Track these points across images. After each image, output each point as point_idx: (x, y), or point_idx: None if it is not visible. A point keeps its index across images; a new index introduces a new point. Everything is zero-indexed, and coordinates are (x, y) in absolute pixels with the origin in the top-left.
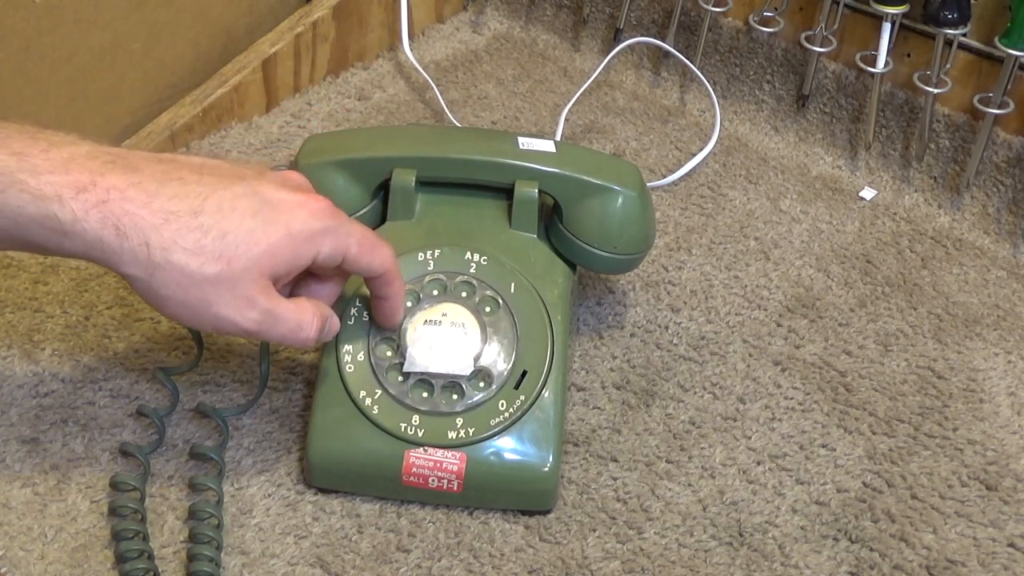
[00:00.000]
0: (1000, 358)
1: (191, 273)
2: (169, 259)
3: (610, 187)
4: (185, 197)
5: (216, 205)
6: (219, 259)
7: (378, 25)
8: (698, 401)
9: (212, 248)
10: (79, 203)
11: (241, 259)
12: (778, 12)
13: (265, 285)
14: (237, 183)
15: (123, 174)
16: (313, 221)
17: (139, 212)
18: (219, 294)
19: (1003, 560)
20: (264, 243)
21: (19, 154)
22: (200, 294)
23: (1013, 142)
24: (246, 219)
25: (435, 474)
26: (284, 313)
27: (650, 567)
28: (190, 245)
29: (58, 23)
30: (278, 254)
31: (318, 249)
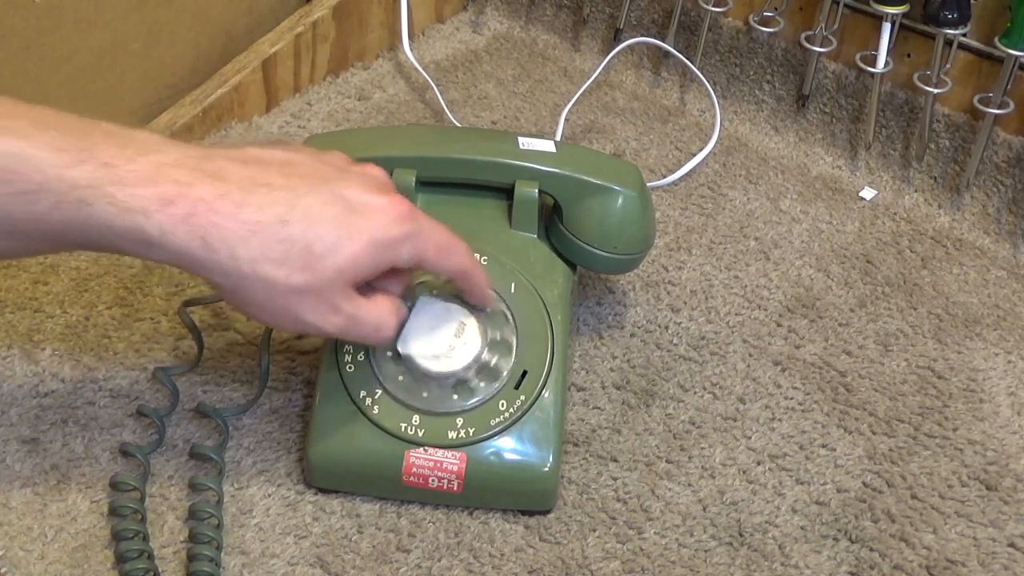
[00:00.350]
0: (1000, 358)
1: (278, 284)
2: (256, 270)
3: (610, 187)
4: (272, 205)
5: (303, 213)
6: (305, 270)
7: (378, 25)
8: (698, 401)
9: (298, 259)
10: (166, 216)
11: (327, 270)
12: (778, 12)
13: (348, 291)
14: (323, 186)
15: (210, 184)
16: (395, 227)
17: (226, 224)
18: (304, 302)
19: (1003, 560)
20: (349, 252)
21: (107, 165)
22: (285, 302)
23: (1013, 142)
24: (332, 229)
25: (435, 474)
26: (365, 315)
27: (650, 567)
28: (277, 256)
29: (58, 23)
30: (361, 263)
31: (398, 255)
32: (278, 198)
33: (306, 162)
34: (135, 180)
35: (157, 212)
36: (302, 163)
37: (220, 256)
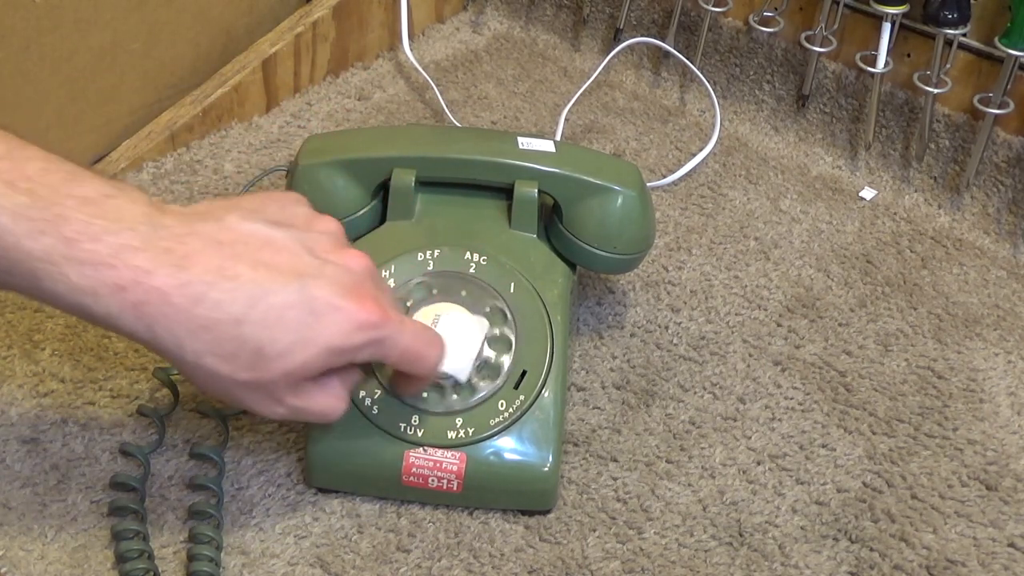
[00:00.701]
0: (1000, 358)
1: (223, 376)
2: (200, 362)
3: (610, 187)
4: (232, 303)
5: (262, 314)
6: (252, 369)
7: (378, 25)
8: (698, 401)
9: (247, 360)
10: (115, 300)
11: (274, 371)
12: (778, 12)
13: (295, 386)
14: (292, 284)
15: (172, 274)
16: (355, 335)
17: (178, 318)
18: (247, 394)
19: (1003, 560)
20: (300, 359)
21: (69, 240)
22: (229, 390)
23: (1013, 142)
24: (288, 334)
25: (435, 474)
26: (311, 407)
27: (650, 567)
28: (225, 353)
29: (58, 23)
30: (311, 366)
31: (354, 357)
32: (241, 295)
33: (287, 245)
34: (93, 260)
35: (107, 296)
36: (282, 247)
37: (166, 345)
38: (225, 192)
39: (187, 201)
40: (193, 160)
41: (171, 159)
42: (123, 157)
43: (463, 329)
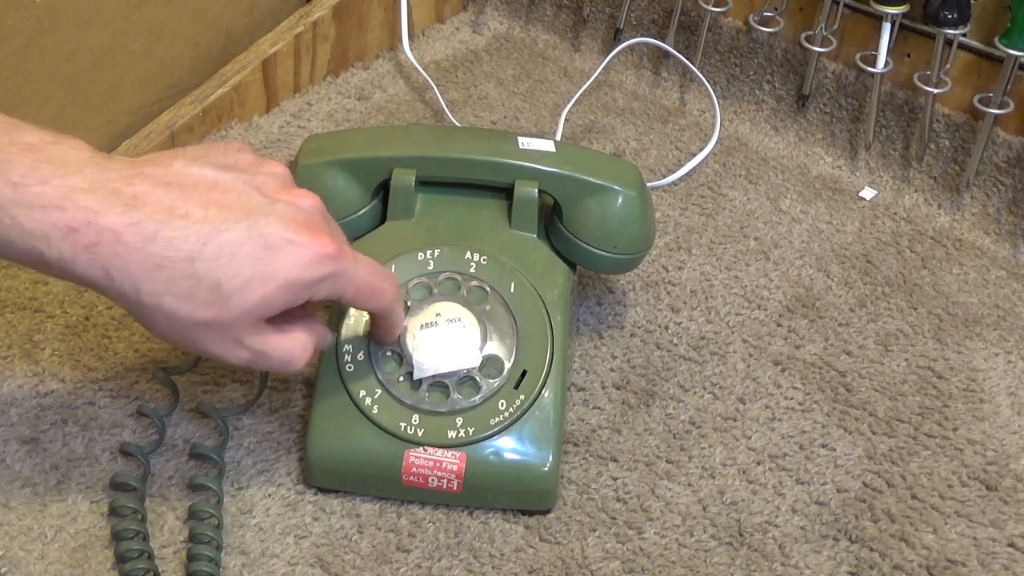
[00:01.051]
0: (1000, 358)
1: (180, 317)
2: (159, 303)
3: (610, 187)
4: (185, 241)
5: (215, 251)
6: (210, 307)
7: (378, 25)
8: (698, 401)
9: (205, 297)
10: (68, 244)
11: (233, 309)
12: (778, 12)
13: (256, 327)
14: (243, 221)
15: (123, 212)
16: (313, 268)
17: (131, 256)
18: (207, 335)
19: (1003, 560)
20: (259, 294)
21: (16, 185)
22: (188, 333)
23: (1013, 142)
24: (244, 268)
25: (435, 474)
26: (274, 351)
27: (650, 567)
28: (182, 292)
29: (58, 23)
30: (271, 302)
31: (313, 293)
32: (192, 232)
33: (235, 186)
34: (42, 203)
35: (59, 240)
36: (230, 188)
37: (123, 287)
38: None
39: None
40: None
41: None
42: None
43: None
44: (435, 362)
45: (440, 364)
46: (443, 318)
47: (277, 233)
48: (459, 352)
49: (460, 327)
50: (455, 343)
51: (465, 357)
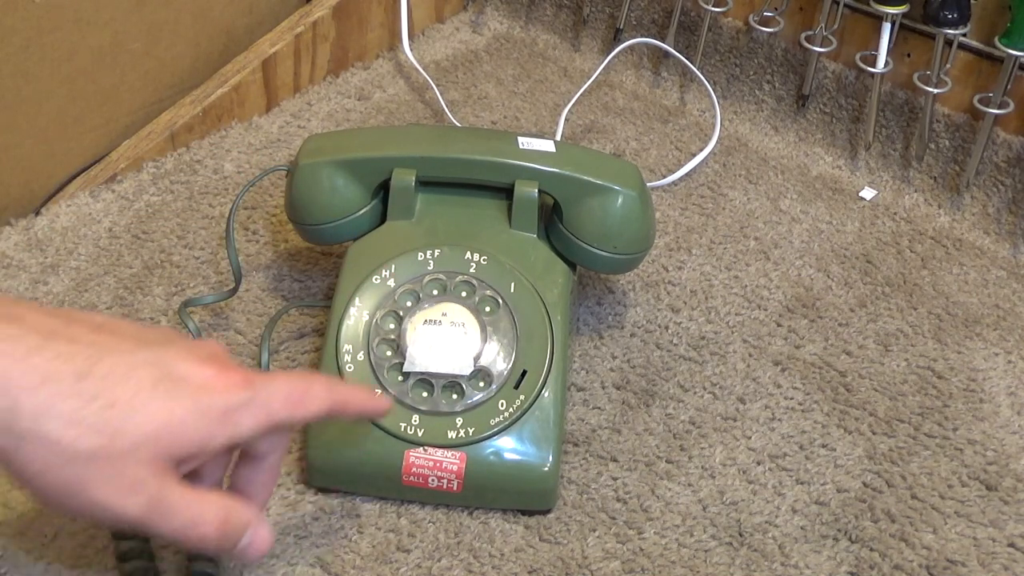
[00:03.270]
0: (1000, 358)
1: (65, 447)
2: (39, 428)
3: (610, 187)
4: (72, 358)
5: (108, 370)
6: (100, 433)
7: (378, 25)
8: (698, 401)
9: (93, 420)
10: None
11: (129, 435)
12: (778, 12)
13: (159, 468)
14: (140, 349)
15: (2, 327)
16: (225, 395)
17: (12, 369)
18: (96, 473)
19: (1003, 560)
20: (163, 417)
21: None
22: (74, 473)
23: (1013, 142)
24: (143, 390)
25: (435, 474)
26: (178, 502)
27: (650, 567)
28: (67, 414)
29: (58, 23)
30: (180, 432)
31: (235, 427)
32: (81, 352)
33: (125, 326)
34: None
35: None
36: (120, 326)
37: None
38: (225, 192)
39: (187, 201)
40: (193, 160)
41: (171, 159)
42: (123, 157)
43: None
44: (427, 360)
45: (431, 363)
46: (447, 319)
47: (181, 363)
48: (453, 356)
49: (461, 332)
50: (452, 346)
51: (457, 363)
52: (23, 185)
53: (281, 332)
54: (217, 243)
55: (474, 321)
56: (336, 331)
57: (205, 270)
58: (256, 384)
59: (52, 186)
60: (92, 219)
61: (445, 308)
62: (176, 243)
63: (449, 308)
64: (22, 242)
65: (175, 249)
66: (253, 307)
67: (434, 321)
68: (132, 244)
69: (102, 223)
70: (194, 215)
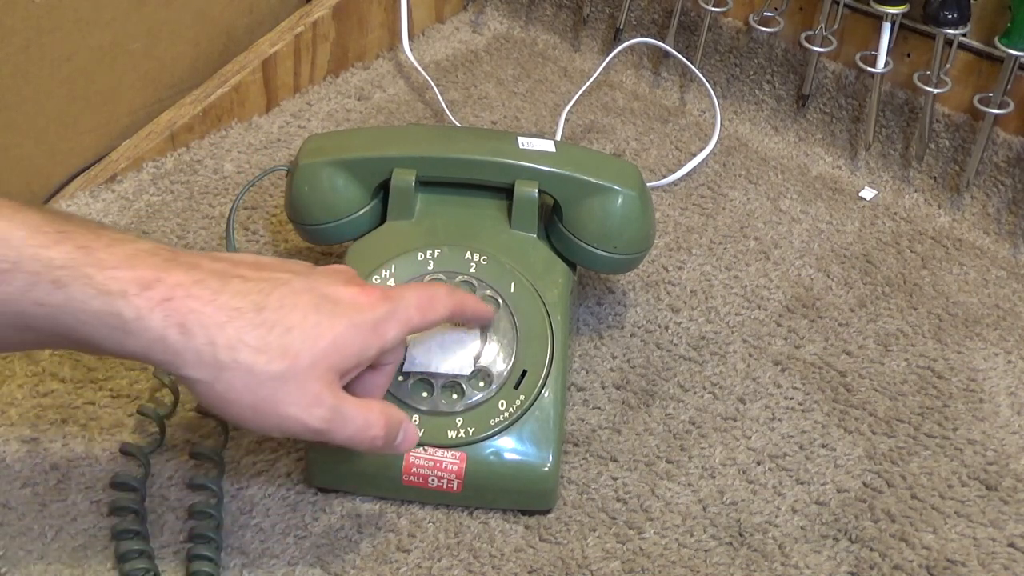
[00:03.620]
0: (1000, 358)
1: (258, 372)
2: (236, 358)
3: (610, 187)
4: (248, 294)
5: (279, 300)
6: (285, 355)
7: (378, 25)
8: (698, 401)
9: (277, 344)
10: (143, 300)
11: (307, 354)
12: (778, 12)
13: (332, 380)
14: (295, 279)
15: (186, 272)
16: (373, 310)
17: (204, 310)
18: (286, 392)
19: (1003, 560)
20: (329, 336)
21: (84, 247)
22: (266, 393)
23: (1013, 142)
24: (309, 314)
25: (435, 474)
26: (351, 411)
27: (650, 567)
28: (255, 342)
29: (58, 23)
30: (344, 346)
31: (383, 337)
32: (253, 287)
33: (273, 262)
34: (113, 263)
35: (135, 296)
36: (270, 263)
37: (198, 342)
38: (225, 192)
39: (187, 201)
40: (193, 160)
41: (171, 159)
42: (123, 157)
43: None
44: (428, 360)
45: (432, 363)
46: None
47: (328, 286)
48: (454, 357)
49: (463, 333)
50: (453, 347)
51: (458, 363)
52: (23, 185)
53: None
54: (217, 243)
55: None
56: None
57: None
58: (393, 297)
59: (52, 186)
60: (92, 219)
61: None
62: (176, 243)
63: None
64: None
65: None
66: None
67: None
68: None
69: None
70: (194, 215)
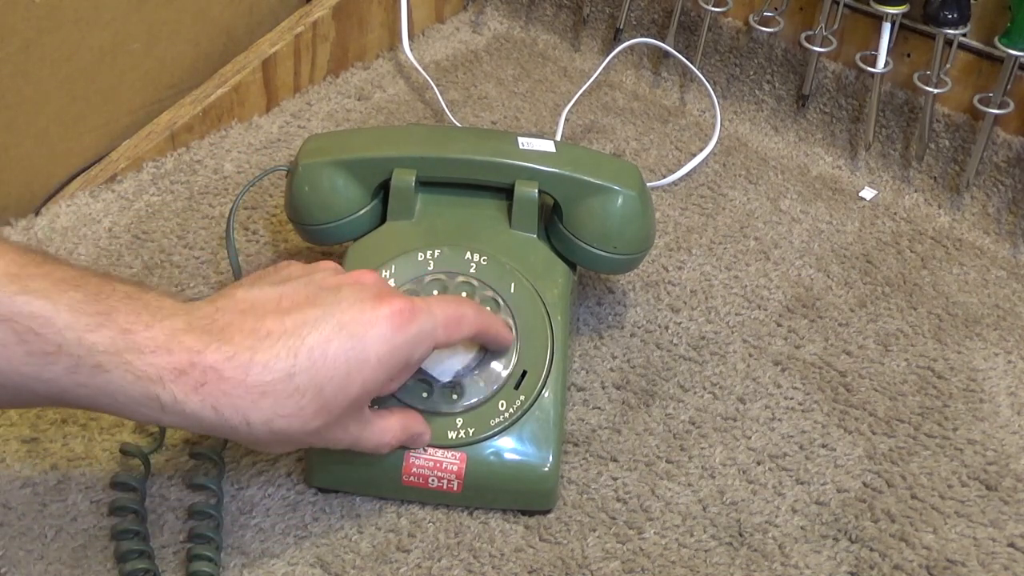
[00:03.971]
0: (1000, 358)
1: (292, 433)
2: (271, 428)
3: (610, 187)
4: (277, 359)
5: (308, 359)
6: (318, 414)
7: (378, 25)
8: (698, 401)
9: (311, 408)
10: (179, 386)
11: (339, 405)
12: (778, 12)
13: (360, 412)
14: (320, 320)
15: (218, 348)
16: (399, 334)
17: (236, 392)
18: (319, 438)
19: (1003, 560)
20: (359, 382)
21: (125, 331)
22: (302, 441)
23: (1013, 142)
24: (339, 364)
25: (435, 474)
26: (374, 430)
27: (650, 567)
28: (289, 411)
29: (58, 23)
30: (373, 384)
31: (412, 356)
32: (281, 349)
33: (298, 291)
34: (152, 347)
35: (171, 382)
36: (295, 294)
37: (233, 422)
38: (225, 192)
39: (187, 201)
40: (193, 160)
41: (171, 159)
42: (123, 157)
43: None
44: (427, 360)
45: (432, 364)
46: None
47: (354, 317)
48: (453, 357)
49: None
50: (453, 348)
51: (457, 363)
52: (23, 185)
53: None
54: (217, 243)
55: None
56: None
57: (205, 270)
58: (419, 315)
59: (52, 186)
60: (92, 219)
61: None
62: (176, 243)
63: None
64: (22, 242)
65: (175, 249)
66: None
67: None
68: (132, 244)
69: (102, 223)
70: (194, 215)
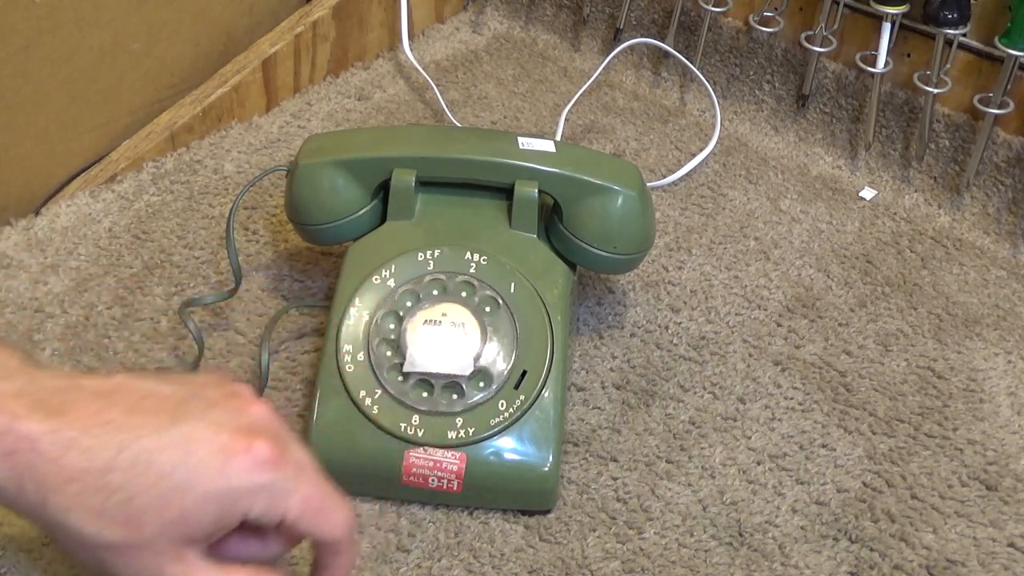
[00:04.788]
0: (1000, 358)
1: (86, 537)
2: (66, 521)
3: (610, 187)
4: (102, 450)
5: (131, 460)
6: (122, 525)
7: (378, 25)
8: (698, 401)
9: (115, 513)
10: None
11: (148, 527)
12: (778, 12)
13: (178, 553)
14: (168, 426)
15: (44, 420)
16: (246, 476)
17: (44, 468)
18: (120, 560)
19: (1003, 560)
20: (178, 508)
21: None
22: (98, 557)
23: (1013, 142)
24: (162, 479)
25: (435, 474)
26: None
27: (650, 567)
28: (91, 507)
29: (58, 23)
30: (192, 519)
31: (247, 509)
32: (112, 441)
33: (172, 395)
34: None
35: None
36: (166, 396)
37: (30, 499)
38: (225, 192)
39: (187, 201)
40: (193, 160)
41: (171, 159)
42: (123, 157)
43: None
44: (427, 360)
45: (431, 364)
46: (448, 319)
47: (204, 438)
48: (453, 357)
49: (461, 332)
50: (452, 347)
51: (457, 363)
52: (23, 185)
53: (281, 332)
54: (217, 243)
55: (474, 321)
56: (336, 331)
57: (205, 270)
58: (279, 468)
59: (52, 186)
60: (92, 219)
61: (445, 308)
62: (176, 243)
63: (449, 308)
64: (22, 242)
65: (175, 249)
66: (253, 307)
67: (434, 321)
68: (132, 244)
69: (102, 223)
70: (194, 215)
